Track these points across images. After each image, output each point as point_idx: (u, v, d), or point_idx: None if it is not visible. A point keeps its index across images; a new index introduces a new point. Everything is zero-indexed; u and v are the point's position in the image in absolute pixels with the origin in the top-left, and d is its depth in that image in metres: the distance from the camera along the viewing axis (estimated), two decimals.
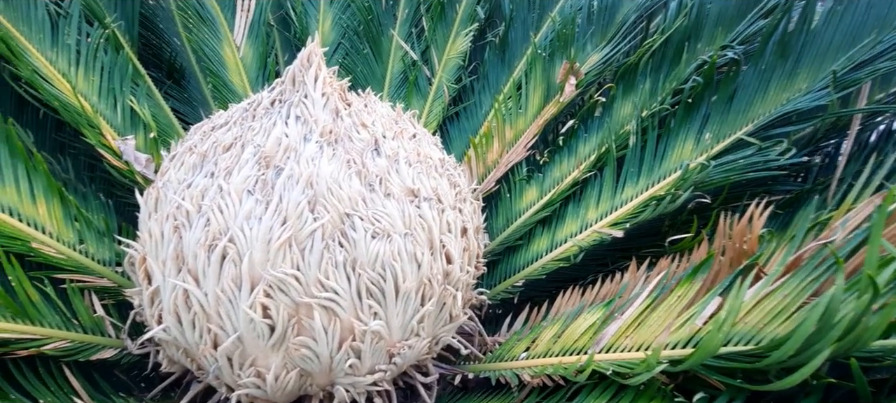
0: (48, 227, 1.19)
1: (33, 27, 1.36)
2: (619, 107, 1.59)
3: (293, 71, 1.07)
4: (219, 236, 0.97)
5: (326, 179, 1.00)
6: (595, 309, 1.18)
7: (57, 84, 1.32)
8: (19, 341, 1.02)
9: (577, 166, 1.55)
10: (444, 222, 1.14)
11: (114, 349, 1.18)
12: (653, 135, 1.45)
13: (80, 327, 1.14)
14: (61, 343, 1.08)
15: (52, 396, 1.06)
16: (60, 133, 1.48)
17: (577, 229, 1.45)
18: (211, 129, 1.12)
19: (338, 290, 1.00)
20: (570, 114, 1.78)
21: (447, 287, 1.14)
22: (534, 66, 1.68)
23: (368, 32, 1.87)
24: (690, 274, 1.04)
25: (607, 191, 1.45)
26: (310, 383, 1.08)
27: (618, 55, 1.72)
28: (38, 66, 1.31)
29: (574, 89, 1.63)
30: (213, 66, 1.65)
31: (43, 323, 1.08)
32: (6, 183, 1.16)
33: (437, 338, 1.19)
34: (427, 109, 1.82)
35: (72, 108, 1.29)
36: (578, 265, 1.40)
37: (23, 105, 1.41)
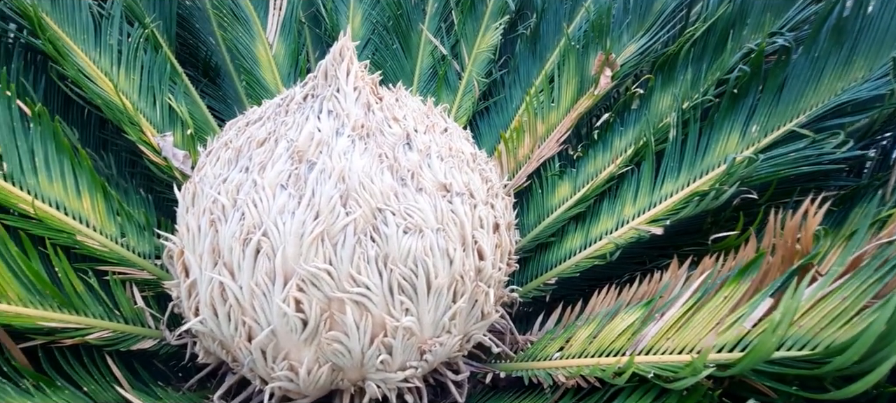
0: (92, 221, 1.23)
1: (78, 28, 1.41)
2: (658, 99, 1.52)
3: (325, 65, 1.07)
4: (253, 230, 0.98)
5: (358, 174, 0.99)
6: (633, 309, 1.13)
7: (100, 83, 1.37)
8: (65, 330, 1.06)
9: (612, 161, 1.50)
10: (477, 218, 1.12)
11: (153, 339, 1.21)
12: (694, 128, 1.38)
13: (121, 318, 1.18)
14: (104, 333, 1.11)
15: (95, 384, 1.09)
16: (103, 130, 1.53)
17: (613, 226, 1.40)
18: (245, 125, 1.13)
19: (369, 285, 0.99)
20: (605, 107, 1.72)
21: (479, 283, 1.12)
22: (567, 58, 1.63)
23: (398, 27, 1.86)
24: (738, 273, 0.98)
25: (645, 187, 1.39)
26: (341, 378, 1.08)
27: (656, 45, 1.65)
28: (82, 66, 1.35)
29: (609, 81, 1.57)
30: (246, 63, 1.68)
31: (87, 313, 1.12)
32: (53, 178, 1.20)
33: (469, 336, 1.17)
34: (457, 104, 1.80)
35: (114, 106, 1.33)
36: (614, 263, 1.35)
37: (68, 103, 1.47)
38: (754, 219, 1.19)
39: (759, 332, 0.89)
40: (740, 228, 1.21)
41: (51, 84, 1.43)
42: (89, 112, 1.48)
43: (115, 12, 1.44)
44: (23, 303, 1.02)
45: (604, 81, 1.57)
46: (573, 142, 1.67)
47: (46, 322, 1.01)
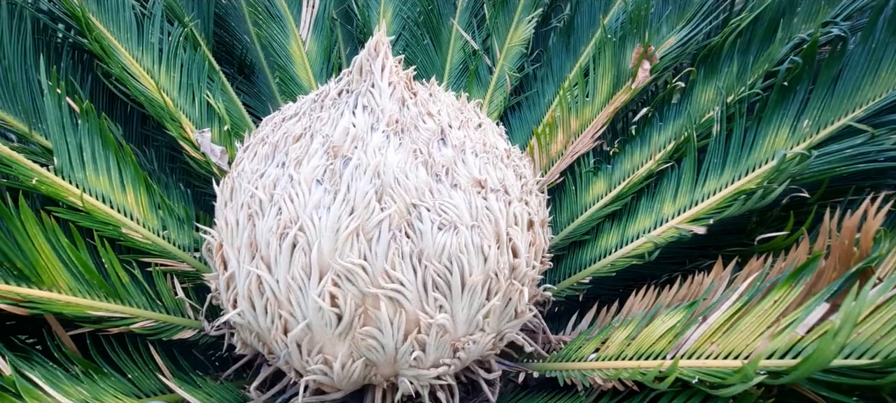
0: (135, 214, 1.27)
1: (122, 27, 1.45)
2: (700, 92, 1.46)
3: (360, 61, 1.07)
4: (289, 225, 0.99)
5: (393, 169, 0.99)
6: (674, 311, 1.09)
7: (142, 80, 1.41)
8: (111, 319, 1.10)
9: (650, 157, 1.45)
10: (511, 215, 1.10)
11: (192, 330, 1.24)
12: (740, 123, 1.32)
13: (163, 308, 1.21)
14: (147, 323, 1.15)
15: (138, 372, 1.13)
16: (145, 126, 1.58)
17: (651, 225, 1.36)
18: (281, 121, 1.14)
19: (404, 282, 0.98)
20: (642, 101, 1.67)
21: (513, 281, 1.10)
22: (603, 51, 1.59)
23: (428, 23, 1.85)
24: (790, 276, 0.93)
25: (686, 184, 1.34)
26: (374, 373, 1.08)
27: (697, 37, 1.59)
28: (126, 64, 1.40)
29: (648, 75, 1.52)
30: (280, 60, 1.70)
31: (131, 303, 1.15)
32: (99, 172, 1.24)
33: (502, 334, 1.16)
34: (488, 99, 1.77)
35: (156, 103, 1.37)
36: (652, 263, 1.30)
37: (112, 100, 1.52)
38: (805, 219, 1.13)
39: (814, 339, 0.84)
40: (790, 228, 1.14)
41: (96, 82, 1.48)
42: (132, 108, 1.53)
43: (157, 12, 1.48)
44: (72, 293, 1.06)
45: (642, 75, 1.52)
46: (608, 138, 1.62)
47: (94, 311, 1.04)
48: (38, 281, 1.01)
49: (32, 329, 1.08)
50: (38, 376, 0.90)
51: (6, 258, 0.98)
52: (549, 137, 1.60)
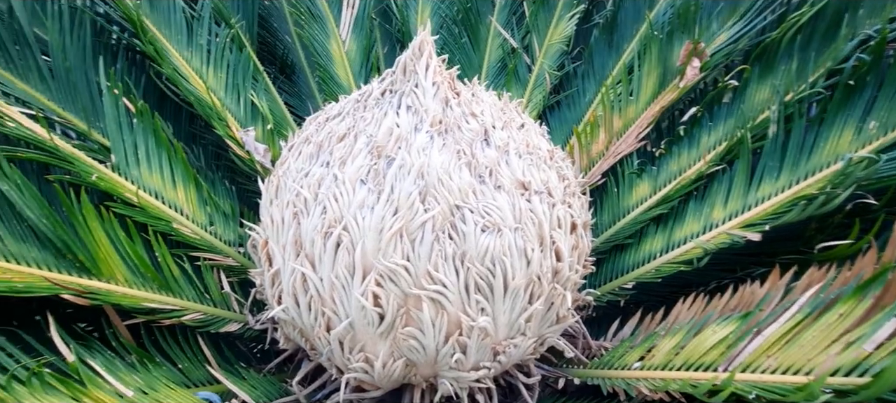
0: (185, 210, 1.32)
1: (173, 29, 1.50)
2: (754, 91, 1.39)
3: (404, 61, 1.06)
4: (334, 224, 1.00)
5: (437, 170, 0.98)
6: (726, 321, 1.04)
7: (192, 81, 1.45)
8: (163, 311, 1.14)
9: (699, 159, 1.39)
10: (555, 217, 1.08)
11: (238, 323, 1.28)
12: (799, 124, 1.25)
13: (211, 301, 1.25)
14: (196, 315, 1.18)
15: (188, 362, 1.17)
16: (192, 125, 1.63)
17: (700, 229, 1.30)
18: (325, 120, 1.16)
19: (446, 283, 0.98)
20: (689, 101, 1.60)
21: (556, 285, 1.08)
22: (648, 47, 1.53)
23: (466, 21, 1.84)
24: (857, 288, 0.87)
25: (738, 188, 1.28)
26: (414, 373, 1.09)
27: (750, 33, 1.51)
28: (177, 65, 1.45)
29: (697, 73, 1.45)
30: (321, 60, 1.72)
31: (182, 295, 1.20)
32: (152, 169, 1.29)
33: (543, 339, 1.14)
34: (526, 97, 1.75)
35: (205, 104, 1.41)
36: (700, 269, 1.25)
37: (162, 99, 1.58)
38: (870, 227, 1.06)
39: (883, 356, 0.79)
40: (855, 236, 1.07)
41: (148, 81, 1.54)
42: (179, 107, 1.59)
43: (205, 14, 1.53)
44: (128, 285, 1.10)
45: (691, 73, 1.46)
46: (653, 139, 1.57)
47: (148, 302, 1.09)
48: (98, 273, 1.06)
49: (90, 317, 1.13)
50: (98, 364, 0.95)
51: (69, 250, 1.03)
52: (590, 137, 1.56)
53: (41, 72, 1.32)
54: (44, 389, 0.81)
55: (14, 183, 0.99)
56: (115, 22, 1.52)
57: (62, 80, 1.33)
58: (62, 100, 1.35)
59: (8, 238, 0.97)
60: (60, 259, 1.02)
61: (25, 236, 1.00)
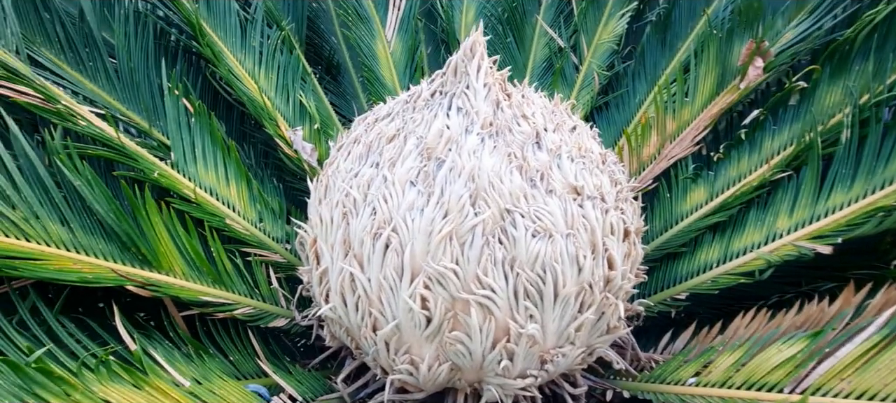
0: (237, 206, 1.36)
1: (227, 32, 1.55)
2: (824, 93, 1.30)
3: (455, 62, 1.05)
4: (383, 225, 1.00)
5: (488, 173, 0.97)
6: (793, 340, 0.98)
7: (245, 82, 1.50)
8: (217, 304, 1.18)
9: (761, 164, 1.31)
10: (608, 223, 1.04)
11: (285, 319, 1.30)
12: (876, 129, 1.16)
13: (260, 296, 1.29)
14: (247, 310, 1.22)
15: (238, 355, 1.21)
16: (243, 124, 1.68)
17: (762, 240, 1.23)
18: (374, 121, 1.16)
19: (495, 289, 0.96)
20: (749, 103, 1.52)
21: (607, 294, 1.04)
22: (706, 46, 1.46)
23: (512, 20, 1.81)
24: None
25: (806, 197, 1.20)
26: (459, 377, 1.07)
27: (819, 32, 1.41)
28: (231, 67, 1.50)
29: (760, 73, 1.37)
30: (366, 60, 1.74)
31: (234, 290, 1.23)
32: (208, 167, 1.34)
33: (592, 349, 1.10)
34: (573, 98, 1.70)
35: (257, 104, 1.45)
36: (761, 282, 1.18)
37: (216, 99, 1.63)
38: None
39: None
40: None
41: (203, 81, 1.60)
42: (231, 106, 1.64)
43: (258, 16, 1.57)
44: (185, 278, 1.14)
45: (753, 73, 1.38)
46: (709, 142, 1.50)
47: (204, 296, 1.12)
48: (158, 266, 1.10)
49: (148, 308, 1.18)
50: (159, 354, 0.99)
51: (133, 243, 1.08)
52: (640, 139, 1.50)
53: (108, 73, 1.39)
54: (110, 377, 0.85)
55: (85, 178, 1.04)
56: (174, 25, 1.59)
57: (126, 81, 1.40)
58: (126, 99, 1.42)
59: (79, 231, 1.03)
60: (125, 251, 1.07)
61: (94, 229, 1.06)
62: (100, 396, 0.82)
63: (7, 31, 1.20)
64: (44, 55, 1.32)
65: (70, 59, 1.35)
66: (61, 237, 1.00)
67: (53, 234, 0.99)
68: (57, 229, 1.00)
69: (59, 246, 0.99)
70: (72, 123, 1.14)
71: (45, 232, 0.99)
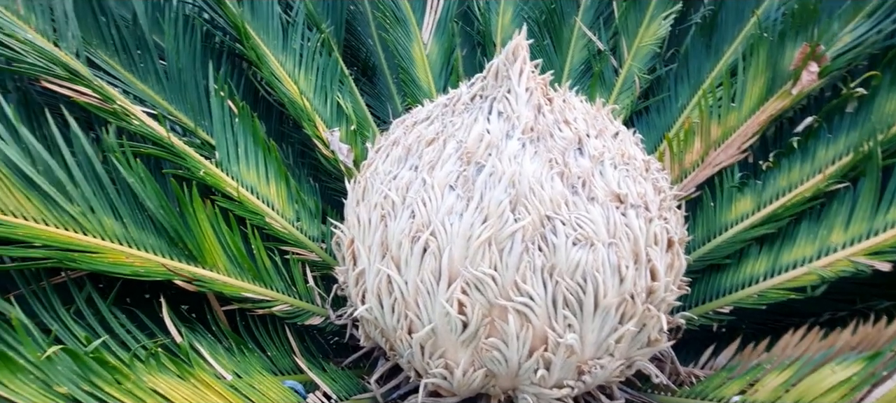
0: (277, 205, 1.39)
1: (270, 34, 1.59)
2: (885, 100, 1.23)
3: (497, 65, 1.04)
4: (422, 229, 1.00)
5: (529, 179, 0.95)
6: (848, 361, 0.93)
7: (285, 83, 1.53)
8: (256, 301, 1.20)
9: (814, 174, 1.25)
10: (651, 233, 1.01)
11: (320, 317, 1.32)
12: None
13: (297, 294, 1.31)
14: (284, 307, 1.24)
15: (275, 350, 1.23)
16: (281, 124, 1.72)
17: (814, 254, 1.17)
18: (412, 124, 1.16)
19: (534, 296, 0.95)
20: (801, 109, 1.45)
21: (649, 306, 1.01)
22: (755, 49, 1.40)
23: (549, 22, 1.79)
24: None
25: (864, 209, 1.13)
26: (493, 384, 1.07)
27: (878, 36, 1.34)
28: (273, 69, 1.53)
29: (815, 78, 1.31)
30: (402, 62, 1.75)
31: (273, 287, 1.26)
32: (249, 166, 1.37)
33: (631, 361, 1.07)
34: (612, 102, 1.66)
35: (297, 105, 1.48)
36: (812, 298, 1.12)
37: (256, 99, 1.67)
38: None
39: None
40: None
41: (246, 82, 1.64)
42: (270, 107, 1.68)
43: (299, 19, 1.60)
44: (228, 274, 1.18)
45: (807, 78, 1.31)
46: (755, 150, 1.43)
47: (246, 292, 1.15)
48: (203, 262, 1.14)
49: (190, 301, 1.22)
50: (203, 347, 1.02)
51: (180, 239, 1.12)
52: (683, 145, 1.45)
53: (158, 74, 1.45)
54: (158, 368, 0.88)
55: (137, 175, 1.09)
56: (219, 27, 1.64)
57: (175, 81, 1.45)
58: (173, 99, 1.47)
59: (131, 226, 1.07)
60: (172, 247, 1.11)
61: (144, 224, 1.10)
62: (148, 386, 0.85)
63: (68, 33, 1.26)
64: (99, 56, 1.38)
65: (123, 61, 1.41)
66: (115, 231, 1.04)
67: (108, 228, 1.04)
68: (111, 223, 1.05)
69: (113, 240, 1.03)
70: (126, 123, 1.19)
71: (101, 226, 1.03)
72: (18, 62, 1.13)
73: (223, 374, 1.01)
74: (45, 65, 1.14)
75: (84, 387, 0.79)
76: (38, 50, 1.16)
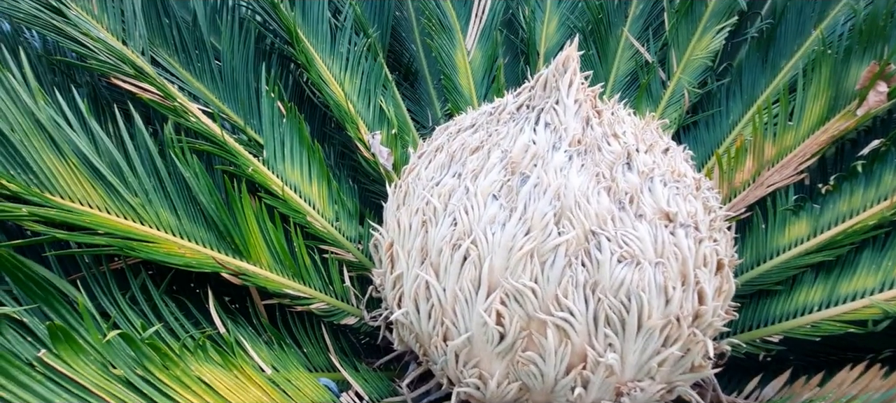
0: (318, 205, 1.42)
1: (319, 38, 1.63)
2: None
3: (546, 76, 1.03)
4: (463, 237, 1.00)
5: (574, 192, 0.94)
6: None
7: (332, 86, 1.56)
8: (295, 297, 1.23)
9: (879, 200, 1.17)
10: (701, 254, 0.97)
11: (355, 317, 1.34)
12: None
13: (334, 293, 1.33)
14: (322, 305, 1.26)
15: (311, 347, 1.25)
16: (324, 126, 1.76)
17: (877, 285, 1.10)
18: (457, 131, 1.17)
19: (574, 312, 0.93)
20: (866, 131, 1.37)
21: (695, 330, 0.97)
22: (817, 66, 1.34)
23: (596, 32, 1.76)
24: None
25: None
26: (527, 398, 1.05)
27: None
28: (320, 71, 1.57)
29: (884, 99, 1.23)
30: (445, 69, 1.76)
31: (311, 285, 1.28)
32: (294, 165, 1.41)
33: (673, 386, 1.03)
34: (658, 115, 1.62)
35: (341, 108, 1.51)
36: (871, 333, 1.06)
37: (302, 100, 1.72)
38: None
39: None
40: None
41: (293, 83, 1.69)
42: (314, 108, 1.72)
43: (347, 24, 1.64)
44: (270, 270, 1.21)
45: (874, 99, 1.24)
46: (812, 172, 1.36)
47: (287, 289, 1.18)
48: (248, 257, 1.17)
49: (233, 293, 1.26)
50: (245, 340, 1.05)
51: (228, 233, 1.16)
52: (733, 163, 1.40)
53: (212, 73, 1.51)
54: (205, 358, 0.91)
55: (193, 170, 1.13)
56: (271, 30, 1.69)
57: (228, 81, 1.51)
58: (226, 97, 1.53)
59: (184, 218, 1.12)
60: (221, 240, 1.15)
61: (196, 218, 1.15)
62: (195, 374, 0.88)
63: (136, 33, 1.33)
64: (161, 55, 1.45)
65: (182, 60, 1.48)
66: (170, 223, 1.09)
67: (163, 220, 1.09)
68: (166, 215, 1.10)
69: (167, 231, 1.08)
70: (184, 119, 1.24)
71: (157, 217, 1.08)
72: (90, 59, 1.20)
73: (263, 367, 1.03)
74: (114, 62, 1.21)
75: (138, 372, 0.82)
76: (109, 48, 1.23)
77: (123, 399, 0.80)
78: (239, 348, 1.01)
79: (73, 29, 1.22)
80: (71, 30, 1.22)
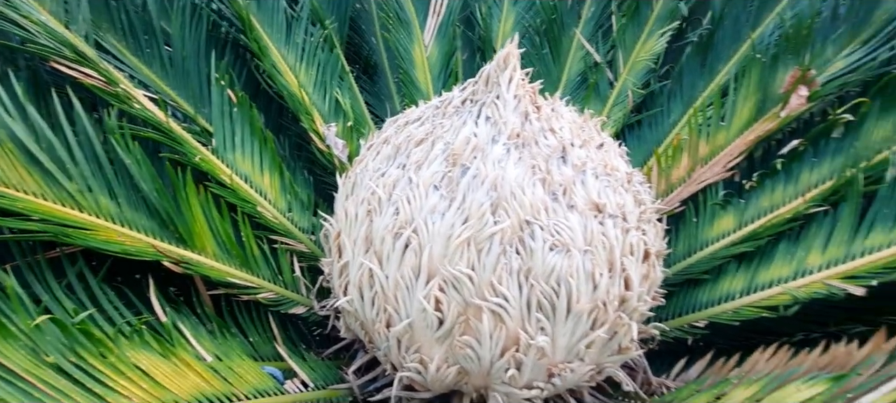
0: (269, 195, 1.42)
1: (274, 27, 1.63)
2: (872, 128, 1.25)
3: (488, 72, 1.07)
4: (405, 225, 1.03)
5: (511, 183, 0.98)
6: (814, 380, 0.95)
7: (286, 76, 1.56)
8: (241, 287, 1.23)
9: (797, 196, 1.27)
10: (628, 243, 1.04)
11: (304, 307, 1.35)
12: None
13: (283, 283, 1.34)
14: (269, 295, 1.27)
15: (257, 336, 1.26)
16: (280, 117, 1.75)
17: (790, 274, 1.19)
18: (404, 123, 1.19)
19: (508, 297, 0.98)
20: (789, 132, 1.47)
21: (621, 314, 1.04)
22: (748, 70, 1.43)
23: (550, 32, 1.82)
24: None
25: (842, 234, 1.15)
26: (466, 381, 1.09)
27: (872, 63, 1.36)
28: (274, 61, 1.56)
29: (804, 102, 1.33)
30: (403, 63, 1.78)
31: (259, 275, 1.29)
32: (245, 155, 1.41)
33: (602, 367, 1.10)
34: (605, 114, 1.69)
35: (296, 98, 1.52)
36: (785, 318, 1.15)
37: (257, 91, 1.71)
38: None
39: None
40: None
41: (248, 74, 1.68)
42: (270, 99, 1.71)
43: (304, 14, 1.64)
44: (216, 259, 1.21)
45: (796, 102, 1.34)
46: (741, 169, 1.46)
47: (232, 278, 1.18)
48: (192, 245, 1.17)
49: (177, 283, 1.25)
50: (186, 328, 1.05)
51: (171, 221, 1.15)
52: (671, 161, 1.48)
53: (162, 61, 1.48)
54: (142, 345, 0.91)
55: (134, 157, 1.12)
56: (225, 18, 1.67)
57: (179, 68, 1.49)
58: (176, 85, 1.50)
59: (125, 206, 1.11)
60: (163, 229, 1.14)
61: (138, 205, 1.13)
62: (131, 361, 0.88)
63: (79, 17, 1.30)
64: (108, 40, 1.42)
65: (131, 45, 1.45)
66: (110, 210, 1.08)
67: (103, 207, 1.07)
68: (106, 202, 1.08)
69: (107, 218, 1.07)
70: (128, 106, 1.22)
71: (96, 204, 1.06)
72: (31, 42, 1.17)
73: (204, 355, 1.04)
74: (55, 46, 1.18)
75: (70, 358, 0.82)
76: (49, 31, 1.19)
77: (54, 384, 0.79)
78: (179, 335, 1.01)
79: (13, 11, 1.19)
80: (10, 12, 1.18)
